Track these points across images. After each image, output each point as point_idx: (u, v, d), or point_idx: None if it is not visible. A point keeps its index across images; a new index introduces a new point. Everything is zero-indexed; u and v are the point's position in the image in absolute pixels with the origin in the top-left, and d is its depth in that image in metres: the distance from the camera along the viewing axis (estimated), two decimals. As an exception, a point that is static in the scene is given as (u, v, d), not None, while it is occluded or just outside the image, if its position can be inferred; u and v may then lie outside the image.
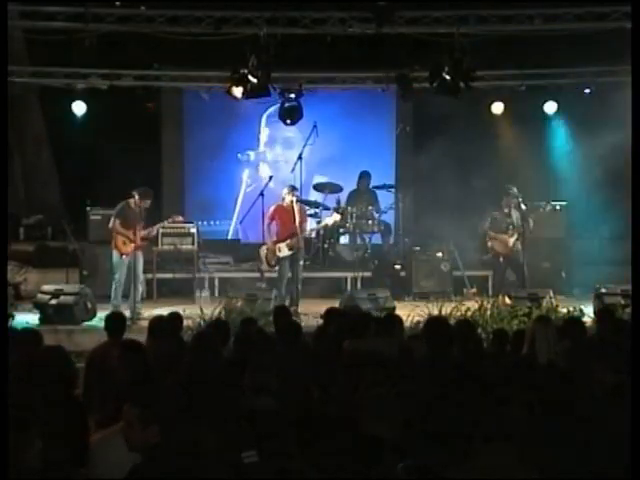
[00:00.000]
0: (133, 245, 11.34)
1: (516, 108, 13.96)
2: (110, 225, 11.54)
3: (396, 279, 13.23)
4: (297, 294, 11.76)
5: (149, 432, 4.32)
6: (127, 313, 10.50)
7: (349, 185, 14.58)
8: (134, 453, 4.32)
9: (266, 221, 11.85)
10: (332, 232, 13.76)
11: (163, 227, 12.35)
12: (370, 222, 13.68)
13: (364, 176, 14.28)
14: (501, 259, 12.50)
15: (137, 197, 11.35)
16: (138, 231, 11.37)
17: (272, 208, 11.90)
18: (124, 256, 11.36)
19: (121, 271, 11.40)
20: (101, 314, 11.09)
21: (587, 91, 13.46)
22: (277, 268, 11.84)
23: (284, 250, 11.66)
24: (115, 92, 13.25)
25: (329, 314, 8.01)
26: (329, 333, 7.21)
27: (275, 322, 7.91)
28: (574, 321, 7.84)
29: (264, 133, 15.47)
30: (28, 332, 6.82)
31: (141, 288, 11.63)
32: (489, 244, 12.52)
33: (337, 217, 12.97)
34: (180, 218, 12.28)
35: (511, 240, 12.33)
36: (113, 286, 11.45)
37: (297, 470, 3.51)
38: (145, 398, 4.46)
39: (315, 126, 13.90)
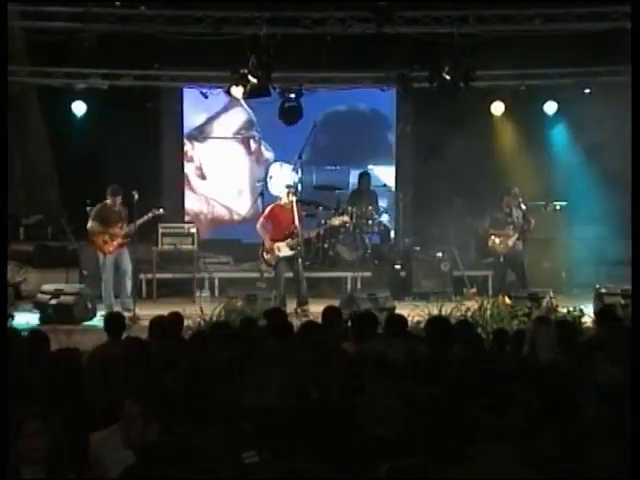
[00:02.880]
0: (115, 243, 11.34)
1: (516, 108, 13.96)
2: (88, 226, 11.53)
3: (396, 279, 13.22)
4: (304, 292, 11.76)
5: (149, 430, 4.30)
6: (119, 310, 10.56)
7: (349, 185, 14.59)
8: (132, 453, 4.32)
9: (261, 220, 11.84)
10: (332, 232, 13.76)
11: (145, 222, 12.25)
12: (370, 222, 13.68)
13: (364, 176, 14.29)
14: (501, 259, 12.49)
15: (110, 196, 11.38)
16: (119, 229, 11.36)
17: (269, 207, 11.90)
18: (107, 255, 11.36)
19: (107, 271, 11.40)
20: (101, 314, 11.12)
21: (587, 91, 13.46)
22: (272, 268, 11.85)
23: (284, 250, 11.65)
24: (115, 92, 13.26)
25: (328, 314, 8.00)
26: (328, 333, 7.19)
27: (268, 323, 7.88)
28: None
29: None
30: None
31: (129, 283, 11.56)
32: (489, 244, 12.50)
33: (346, 218, 12.97)
34: (161, 211, 12.11)
35: (511, 240, 12.32)
36: (102, 287, 11.46)
37: (298, 470, 3.51)
38: (148, 395, 4.44)
39: (315, 126, 13.90)
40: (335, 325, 7.48)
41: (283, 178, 14.42)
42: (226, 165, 15.39)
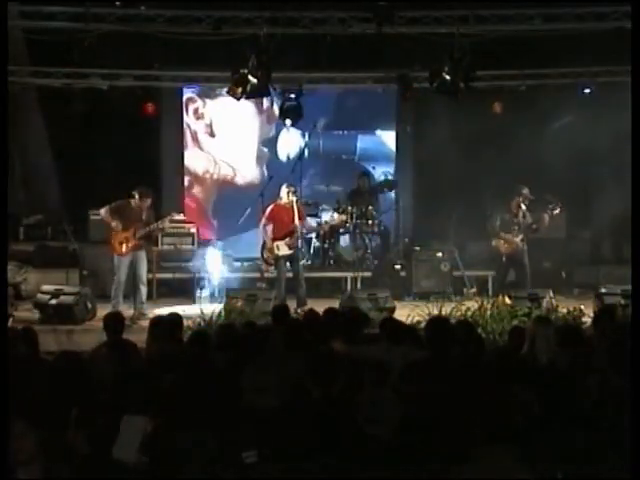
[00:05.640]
0: (130, 245, 11.27)
1: (516, 108, 13.96)
2: (102, 214, 11.46)
3: (396, 279, 13.22)
4: (303, 293, 11.76)
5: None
6: (130, 313, 10.57)
7: (349, 185, 14.60)
8: (129, 454, 4.30)
9: (263, 221, 11.86)
10: (332, 232, 13.77)
11: (164, 226, 12.33)
12: (370, 222, 13.68)
13: (364, 176, 14.30)
14: (504, 259, 12.46)
15: (137, 197, 11.31)
16: (137, 231, 11.30)
17: (269, 207, 11.92)
18: (122, 257, 11.30)
19: (120, 271, 11.30)
20: (101, 314, 11.11)
21: (587, 91, 13.47)
22: (273, 268, 11.86)
23: (283, 249, 11.67)
24: (115, 92, 13.26)
25: (328, 314, 7.99)
26: (328, 333, 7.19)
27: (274, 322, 7.88)
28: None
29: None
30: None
31: (144, 289, 11.44)
32: (494, 244, 12.46)
33: (343, 217, 13.05)
34: (181, 216, 12.21)
35: (517, 240, 12.29)
36: (113, 286, 11.40)
37: (298, 470, 3.51)
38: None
39: (315, 126, 13.91)
40: (332, 326, 7.47)
41: (291, 143, 14.32)
42: (236, 124, 15.29)
